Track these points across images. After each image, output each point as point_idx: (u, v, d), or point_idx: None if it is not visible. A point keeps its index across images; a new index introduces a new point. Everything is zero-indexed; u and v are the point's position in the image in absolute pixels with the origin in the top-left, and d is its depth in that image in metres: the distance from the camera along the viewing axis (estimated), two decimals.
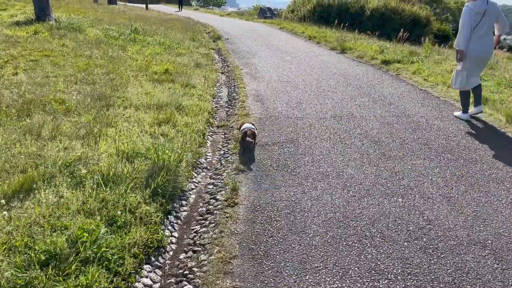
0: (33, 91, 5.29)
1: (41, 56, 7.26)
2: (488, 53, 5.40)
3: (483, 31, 5.19)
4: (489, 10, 5.14)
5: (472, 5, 5.17)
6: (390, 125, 5.21)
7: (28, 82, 5.66)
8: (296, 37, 15.66)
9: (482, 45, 5.23)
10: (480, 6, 5.13)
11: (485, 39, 5.25)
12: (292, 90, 7.16)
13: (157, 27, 14.87)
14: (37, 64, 6.66)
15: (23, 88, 5.35)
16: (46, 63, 6.81)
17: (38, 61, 6.89)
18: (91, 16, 15.12)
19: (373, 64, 9.74)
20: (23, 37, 8.46)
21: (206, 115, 5.54)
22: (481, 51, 5.27)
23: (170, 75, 7.30)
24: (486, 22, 5.19)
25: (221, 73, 8.97)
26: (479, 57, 5.31)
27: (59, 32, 9.50)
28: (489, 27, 5.25)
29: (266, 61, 10.19)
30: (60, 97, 5.14)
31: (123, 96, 5.68)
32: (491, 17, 5.19)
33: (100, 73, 6.74)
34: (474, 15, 5.14)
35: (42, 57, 7.19)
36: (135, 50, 9.14)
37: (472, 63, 5.33)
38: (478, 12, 5.14)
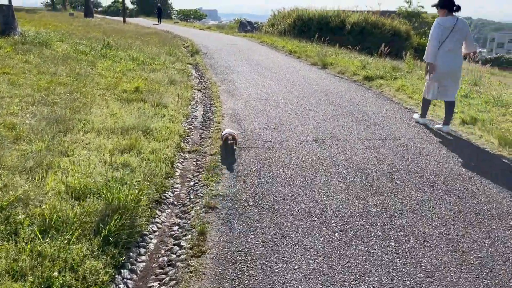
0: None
1: None
2: (456, 67, 5.45)
3: (451, 46, 5.29)
4: (458, 27, 5.25)
5: (441, 20, 5.31)
6: (376, 149, 4.81)
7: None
8: (277, 51, 15.38)
9: (449, 59, 5.32)
10: (449, 21, 5.27)
11: (453, 54, 5.34)
12: (271, 109, 6.74)
13: (133, 41, 14.39)
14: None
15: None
16: (2, 81, 6.23)
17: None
18: (63, 30, 14.53)
19: (355, 80, 9.44)
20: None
21: (177, 139, 5.05)
22: (448, 65, 5.36)
23: (141, 94, 6.80)
24: (455, 38, 5.28)
25: (197, 90, 8.51)
26: (447, 70, 5.39)
27: (23, 47, 8.90)
28: (457, 42, 5.32)
29: (245, 77, 9.79)
30: (11, 121, 4.58)
31: (85, 118, 5.15)
32: (460, 34, 5.28)
33: (63, 92, 6.19)
34: (442, 29, 5.25)
35: (1, 75, 6.60)
36: (106, 66, 8.61)
37: (440, 76, 5.43)
38: (446, 27, 5.25)
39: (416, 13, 42.23)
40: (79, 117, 5.15)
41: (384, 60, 11.89)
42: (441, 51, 5.29)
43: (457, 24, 5.24)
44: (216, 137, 5.21)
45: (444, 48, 5.28)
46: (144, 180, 3.65)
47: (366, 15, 18.44)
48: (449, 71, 5.40)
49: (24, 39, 9.57)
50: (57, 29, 14.68)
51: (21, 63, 7.58)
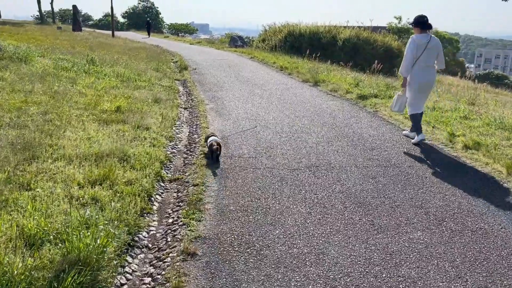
0: None
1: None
2: (430, 82, 5.78)
3: (425, 62, 5.55)
4: (431, 44, 5.51)
5: (416, 37, 5.57)
6: (375, 178, 4.40)
7: None
8: (267, 67, 15.06)
9: (424, 74, 5.59)
10: (423, 39, 5.52)
11: (427, 69, 5.62)
12: (261, 130, 6.33)
13: (120, 56, 13.97)
14: None
15: None
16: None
17: None
18: (47, 44, 14.09)
19: (348, 99, 9.09)
20: None
21: (157, 166, 4.59)
22: (423, 80, 5.63)
23: (122, 114, 6.36)
24: (428, 54, 5.53)
25: (183, 109, 8.09)
26: (421, 85, 5.67)
27: (0, 63, 8.44)
28: (431, 59, 5.60)
29: (234, 94, 9.40)
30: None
31: (57, 143, 4.68)
32: (433, 51, 5.56)
33: (36, 112, 5.72)
34: (417, 46, 5.51)
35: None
36: (87, 84, 8.16)
37: (415, 90, 5.71)
38: (421, 44, 5.50)
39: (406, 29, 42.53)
40: (50, 142, 4.68)
41: (377, 78, 11.62)
42: (416, 66, 5.56)
43: (430, 41, 5.51)
44: (201, 164, 4.77)
45: (419, 63, 5.54)
46: (115, 219, 3.19)
47: (358, 31, 18.29)
48: (425, 86, 5.72)
49: (2, 54, 9.10)
50: (41, 43, 14.24)
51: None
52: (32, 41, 14.55)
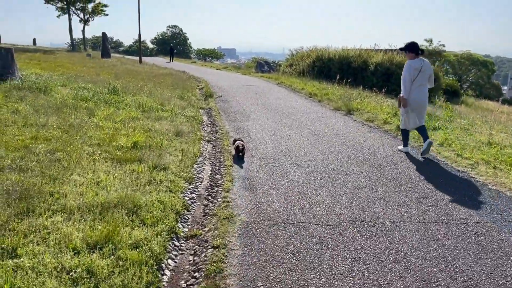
0: None
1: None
2: (426, 98, 6.51)
3: (420, 83, 6.28)
4: (424, 68, 6.27)
5: (411, 62, 6.28)
6: (437, 241, 3.56)
7: None
8: (296, 94, 14.41)
9: (421, 93, 6.35)
10: (417, 63, 6.25)
11: (422, 89, 6.37)
12: (293, 170, 5.59)
13: (144, 83, 13.65)
14: None
15: None
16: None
17: None
18: (72, 72, 13.95)
19: (387, 130, 8.26)
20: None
21: (172, 220, 3.90)
22: (420, 98, 6.37)
23: (138, 151, 5.76)
24: (423, 76, 6.28)
25: (207, 142, 7.46)
26: (419, 103, 6.38)
27: (18, 93, 8.10)
28: (424, 80, 6.33)
29: (261, 125, 8.73)
30: None
31: (59, 191, 4.08)
32: (426, 73, 6.31)
33: (43, 151, 5.18)
34: (413, 70, 6.24)
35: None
36: (106, 115, 7.67)
37: (413, 107, 6.39)
38: (416, 68, 6.24)
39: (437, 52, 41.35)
40: (52, 189, 4.08)
41: None
42: (413, 87, 6.29)
43: (423, 65, 6.28)
44: (223, 216, 4.05)
45: (416, 84, 6.27)
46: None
47: (391, 55, 17.44)
48: (421, 102, 6.43)
49: (22, 84, 8.80)
50: (67, 71, 14.13)
51: (8, 114, 6.69)
52: (58, 69, 14.47)
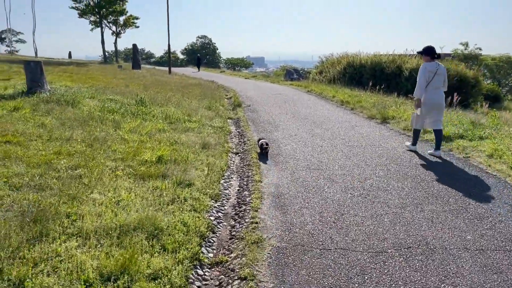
0: None
1: (0, 142, 5.64)
2: (440, 101, 6.63)
3: (435, 85, 6.50)
4: (439, 71, 6.49)
5: (427, 65, 6.52)
6: (500, 273, 3.04)
7: None
8: (326, 102, 13.92)
9: (435, 95, 6.55)
10: (433, 66, 6.49)
11: (437, 91, 6.57)
12: (326, 185, 5.16)
13: (173, 93, 13.52)
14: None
15: None
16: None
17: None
18: (102, 84, 14.01)
19: (428, 141, 7.68)
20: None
21: (195, 244, 3.55)
22: (435, 100, 6.56)
23: (163, 166, 5.48)
24: (438, 79, 6.50)
25: (235, 154, 7.13)
26: (433, 104, 6.58)
27: (46, 106, 8.05)
28: (440, 82, 6.53)
29: (291, 135, 8.32)
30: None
31: (77, 211, 3.82)
32: (441, 76, 6.52)
33: (65, 167, 4.98)
34: (428, 72, 6.48)
35: (1, 144, 5.57)
36: (131, 128, 7.47)
37: (427, 108, 6.63)
38: (431, 70, 6.47)
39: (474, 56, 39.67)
40: (69, 210, 3.82)
41: (457, 112, 10.05)
42: (429, 89, 6.52)
43: (439, 69, 6.50)
44: (251, 240, 3.67)
45: (431, 86, 6.50)
46: None
47: None
48: (437, 104, 6.60)
49: (50, 97, 8.77)
50: (96, 83, 14.21)
51: (34, 127, 6.59)
52: (89, 81, 14.58)
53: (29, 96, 8.70)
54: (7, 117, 6.94)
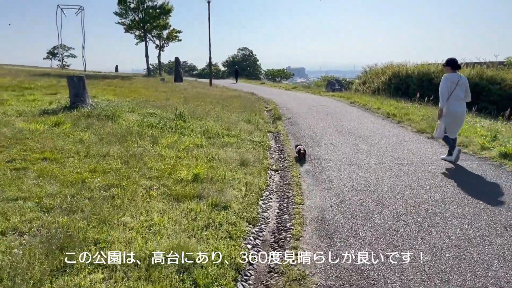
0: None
1: (38, 158, 5.59)
2: (462, 112, 6.71)
3: (457, 96, 6.59)
4: (461, 82, 6.60)
5: (449, 76, 6.63)
6: None
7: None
8: (371, 114, 13.29)
9: (457, 106, 6.62)
10: (455, 77, 6.60)
11: (460, 102, 6.65)
12: (376, 210, 4.67)
13: (213, 106, 13.40)
14: (18, 175, 4.90)
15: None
16: (34, 171, 5.06)
17: (27, 168, 5.17)
18: (143, 97, 14.13)
19: (487, 158, 6.96)
20: (36, 131, 7.02)
21: (230, 279, 3.20)
22: (457, 110, 6.64)
23: (199, 185, 5.20)
24: (460, 90, 6.59)
25: (274, 171, 6.76)
26: (455, 114, 6.67)
27: (86, 121, 8.05)
28: (461, 93, 6.61)
29: (334, 151, 7.85)
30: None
31: (105, 238, 3.57)
32: (463, 87, 6.60)
33: (98, 186, 4.80)
34: (449, 82, 6.58)
35: (38, 161, 5.51)
36: (169, 143, 7.30)
37: (449, 118, 6.71)
38: (453, 81, 6.58)
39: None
40: (98, 236, 3.59)
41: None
42: (451, 100, 6.62)
43: (461, 79, 6.62)
44: (292, 276, 3.26)
45: (453, 97, 6.60)
46: None
47: (480, 69, 15.62)
48: (459, 114, 6.70)
49: (91, 111, 8.81)
50: (138, 96, 14.36)
51: (73, 143, 6.54)
52: (131, 94, 14.77)
53: (71, 110, 8.79)
54: (48, 133, 6.96)
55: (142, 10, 39.90)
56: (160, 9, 40.30)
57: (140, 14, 40.08)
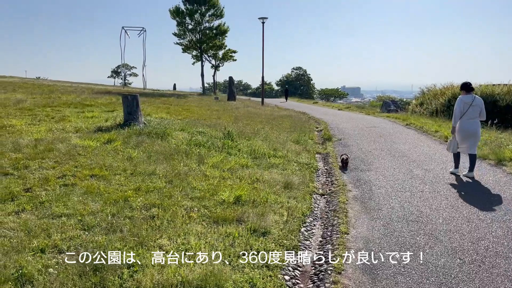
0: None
1: (87, 175, 5.76)
2: (475, 131, 7.29)
3: (470, 116, 7.22)
4: (475, 102, 7.20)
5: (463, 97, 7.29)
6: None
7: (18, 228, 3.93)
8: (428, 137, 12.58)
9: (470, 124, 7.25)
10: (468, 98, 7.22)
11: (472, 121, 7.26)
12: (428, 244, 4.29)
13: (262, 126, 13.37)
14: (66, 191, 5.05)
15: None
16: (81, 188, 5.21)
17: (75, 185, 5.34)
18: (195, 116, 14.42)
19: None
20: (90, 147, 7.29)
21: None
22: (468, 129, 7.27)
23: (240, 207, 5.08)
24: (473, 110, 7.19)
25: (320, 196, 6.51)
26: (467, 133, 7.29)
27: (137, 139, 8.26)
28: (475, 113, 7.21)
29: (385, 176, 7.45)
30: (29, 271, 3.18)
31: (140, 261, 3.53)
32: (477, 107, 7.20)
33: (140, 206, 4.82)
34: (463, 104, 7.24)
35: (87, 177, 5.67)
36: (215, 162, 7.28)
37: (462, 136, 7.36)
38: (467, 102, 7.21)
39: None
40: (130, 260, 3.54)
41: None
42: (464, 118, 7.23)
43: (475, 100, 7.19)
44: None
45: (466, 116, 7.20)
46: None
47: None
48: (471, 133, 7.26)
49: (142, 129, 9.06)
50: (190, 114, 14.67)
51: (122, 161, 6.69)
52: (183, 113, 15.13)
53: (124, 128, 9.08)
54: (100, 149, 7.20)
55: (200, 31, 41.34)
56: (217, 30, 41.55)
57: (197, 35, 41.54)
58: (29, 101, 14.27)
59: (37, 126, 9.25)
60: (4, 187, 5.02)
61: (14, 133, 8.21)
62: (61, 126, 9.29)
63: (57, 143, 7.32)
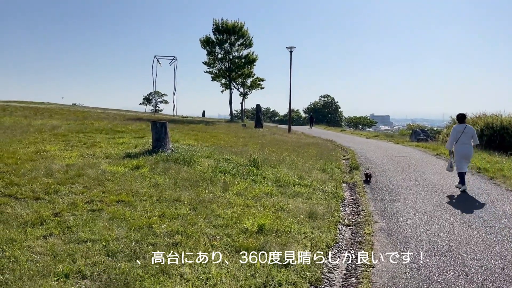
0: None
1: (114, 200, 5.88)
2: (467, 152, 8.79)
3: (463, 141, 8.73)
4: (466, 130, 8.70)
5: (456, 126, 8.93)
6: None
7: (45, 252, 4.03)
8: None
9: (463, 148, 8.75)
10: (460, 127, 8.79)
11: (465, 146, 8.75)
12: (458, 281, 4.12)
13: (288, 153, 13.34)
14: (93, 216, 5.17)
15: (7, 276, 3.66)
16: (107, 213, 5.32)
17: (102, 210, 5.46)
18: (222, 142, 14.57)
19: None
20: (118, 173, 7.47)
21: None
22: (462, 152, 8.76)
23: (263, 237, 5.05)
24: (465, 136, 8.71)
25: (345, 226, 6.38)
26: (461, 155, 8.76)
27: (164, 165, 8.42)
28: (467, 139, 8.74)
29: (414, 207, 7.24)
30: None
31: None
32: (468, 134, 8.72)
33: (164, 232, 4.87)
34: (456, 132, 8.81)
35: (113, 203, 5.79)
36: (239, 190, 7.30)
37: (458, 157, 8.82)
38: (459, 130, 8.77)
39: None
40: (153, 286, 3.56)
41: None
42: (458, 143, 8.79)
43: (466, 128, 8.72)
44: None
45: (460, 142, 8.75)
46: None
47: None
48: (464, 155, 8.75)
49: (170, 156, 9.23)
50: (217, 141, 14.84)
51: (148, 187, 6.81)
52: (211, 139, 15.33)
53: (152, 154, 9.28)
54: (127, 176, 7.36)
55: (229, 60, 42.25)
56: (245, 59, 42.34)
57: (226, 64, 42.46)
58: (64, 127, 14.85)
59: (70, 151, 9.59)
60: (35, 211, 5.19)
61: (48, 158, 8.53)
62: (92, 152, 9.58)
63: (87, 168, 7.55)
